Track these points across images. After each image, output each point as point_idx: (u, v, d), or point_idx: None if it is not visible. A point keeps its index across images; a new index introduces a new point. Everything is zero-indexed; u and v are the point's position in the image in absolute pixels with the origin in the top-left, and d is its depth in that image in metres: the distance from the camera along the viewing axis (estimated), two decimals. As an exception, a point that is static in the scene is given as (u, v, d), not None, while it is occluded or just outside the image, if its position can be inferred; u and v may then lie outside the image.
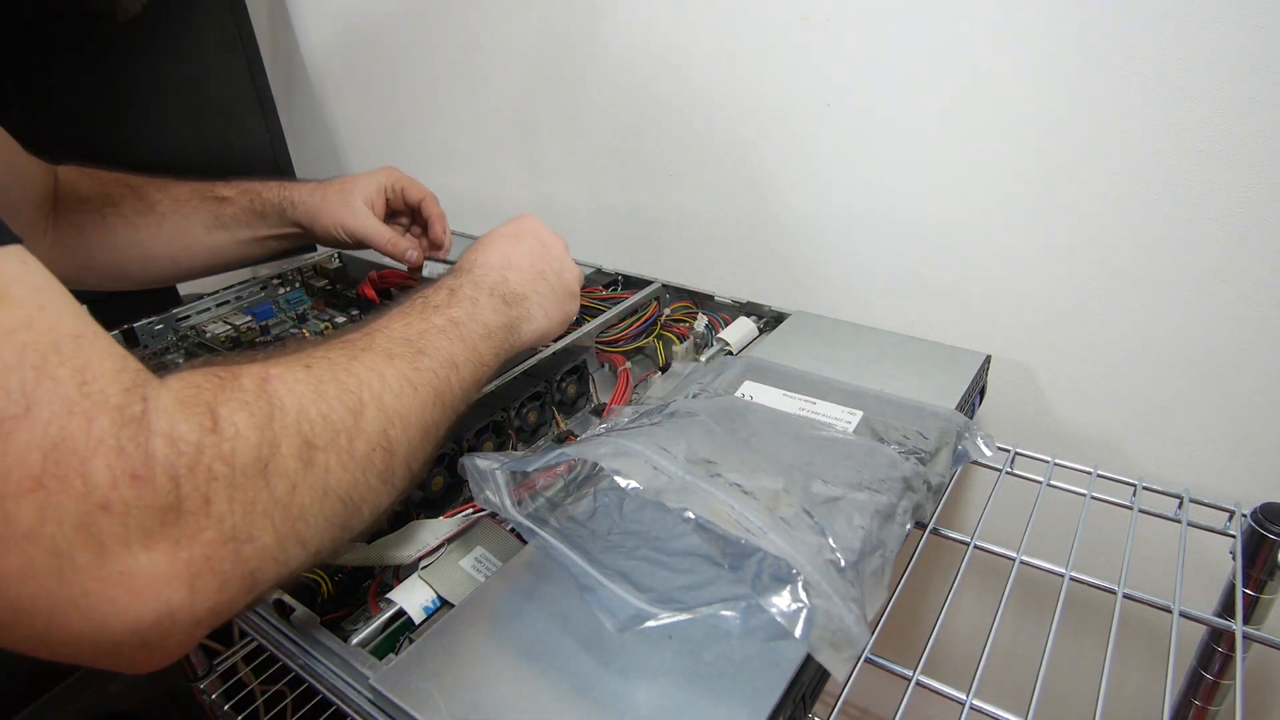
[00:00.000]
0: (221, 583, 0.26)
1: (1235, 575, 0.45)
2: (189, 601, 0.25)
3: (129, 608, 0.24)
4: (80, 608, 0.23)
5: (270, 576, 0.28)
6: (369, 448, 0.32)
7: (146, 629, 0.25)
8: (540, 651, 0.34)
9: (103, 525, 0.23)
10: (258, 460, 0.28)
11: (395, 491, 0.35)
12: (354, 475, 0.31)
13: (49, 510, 0.23)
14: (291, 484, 0.29)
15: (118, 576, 0.24)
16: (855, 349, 0.57)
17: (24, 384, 0.23)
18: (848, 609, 0.30)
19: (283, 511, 0.28)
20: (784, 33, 0.61)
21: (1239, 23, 0.44)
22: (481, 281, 0.44)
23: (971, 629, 0.74)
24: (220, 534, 0.26)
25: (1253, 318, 0.50)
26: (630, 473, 0.35)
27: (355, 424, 0.32)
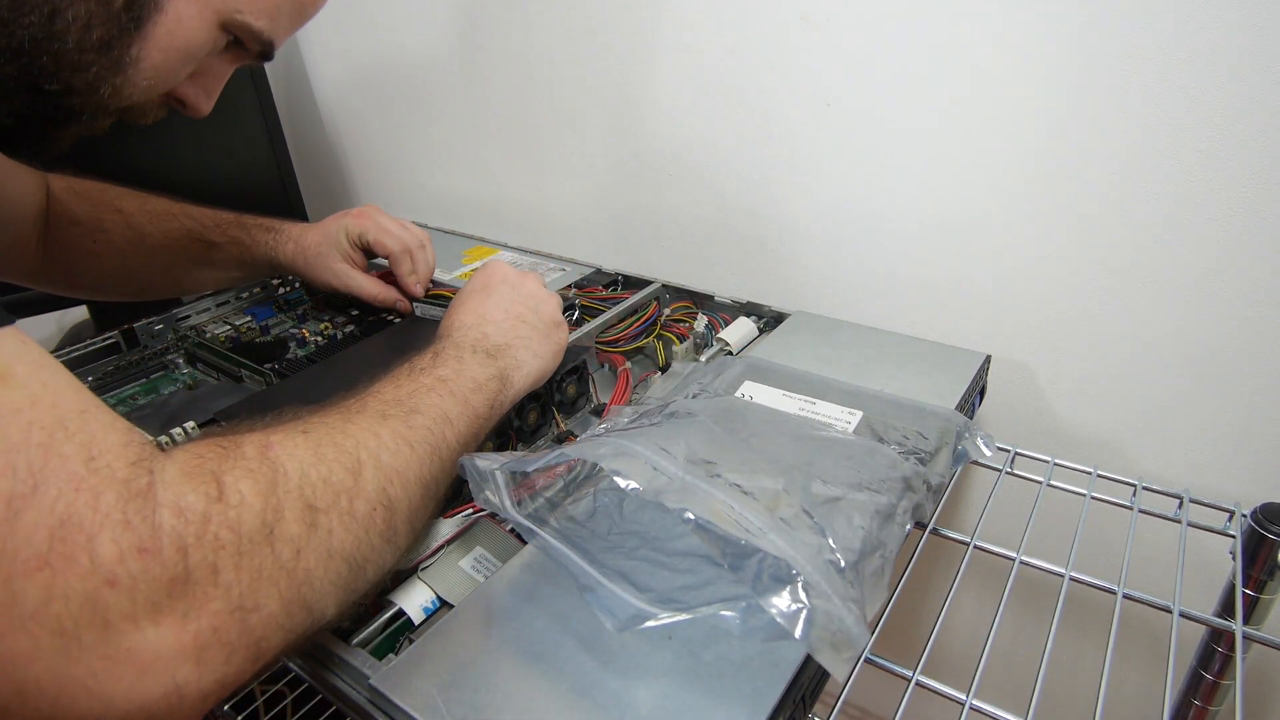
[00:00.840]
0: (229, 654, 0.26)
1: (1235, 575, 0.45)
2: (196, 676, 0.25)
3: (136, 685, 0.24)
4: (87, 688, 0.23)
5: (276, 645, 0.28)
6: (370, 507, 0.32)
7: (153, 706, 0.24)
8: (540, 651, 0.34)
9: (109, 602, 0.23)
10: (263, 526, 0.28)
11: (398, 550, 0.35)
12: (357, 536, 0.31)
13: (55, 589, 0.22)
14: (296, 549, 0.29)
15: (125, 654, 0.23)
16: (855, 349, 0.57)
17: (30, 463, 0.23)
18: (847, 609, 0.30)
19: (288, 577, 0.28)
20: (784, 33, 0.61)
21: (1239, 23, 0.44)
22: (461, 341, 0.44)
23: (971, 629, 0.74)
24: (227, 604, 0.26)
25: (1253, 318, 0.50)
26: (630, 473, 0.35)
27: (355, 484, 0.32)
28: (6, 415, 0.23)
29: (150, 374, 0.68)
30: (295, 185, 1.02)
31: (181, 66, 0.41)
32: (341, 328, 0.71)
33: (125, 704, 0.24)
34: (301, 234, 0.65)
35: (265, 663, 0.28)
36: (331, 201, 1.11)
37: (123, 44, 0.37)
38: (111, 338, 0.69)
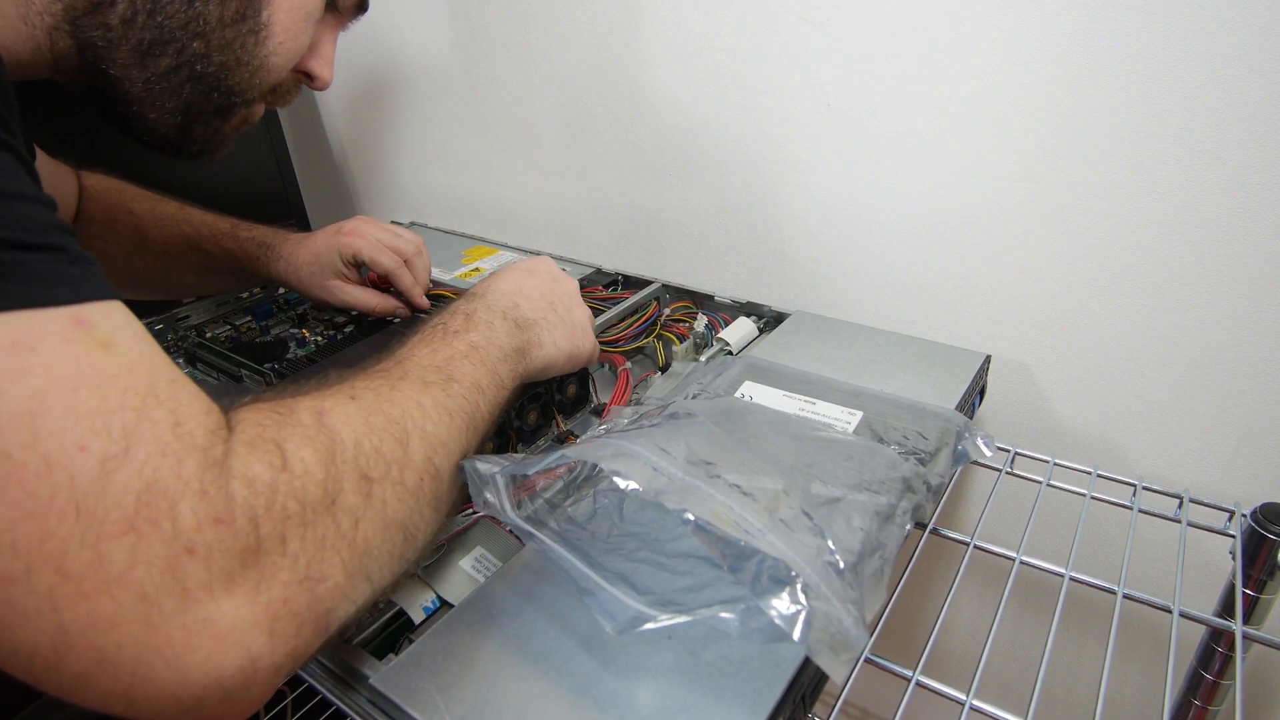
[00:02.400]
0: (299, 625, 0.26)
1: (1235, 575, 0.45)
2: (269, 648, 0.25)
3: (212, 657, 0.24)
4: (165, 657, 0.23)
5: (341, 616, 0.29)
6: (418, 477, 0.33)
7: (229, 679, 0.24)
8: (540, 652, 0.34)
9: (188, 570, 0.24)
10: (325, 496, 0.28)
11: (443, 519, 0.35)
12: (409, 505, 0.32)
13: (139, 554, 0.23)
14: (355, 519, 0.29)
15: (202, 624, 0.24)
16: (855, 349, 0.57)
17: (125, 425, 0.24)
18: (846, 611, 0.30)
19: (349, 547, 0.29)
20: (784, 33, 0.60)
21: (1239, 22, 0.44)
22: (495, 305, 0.45)
23: (971, 629, 0.74)
24: (295, 575, 0.26)
25: (1253, 318, 0.50)
26: (630, 474, 0.35)
27: (404, 455, 0.32)
28: (106, 379, 0.24)
29: (150, 374, 0.67)
30: (295, 185, 1.02)
31: (304, 26, 0.45)
32: (341, 328, 0.71)
33: (202, 676, 0.24)
34: (293, 251, 0.65)
35: (329, 636, 0.29)
36: (332, 201, 1.11)
37: (253, 10, 0.42)
38: (112, 338, 0.69)
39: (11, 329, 0.23)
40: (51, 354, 0.23)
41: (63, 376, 0.23)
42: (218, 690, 0.24)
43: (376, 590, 0.31)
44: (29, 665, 0.23)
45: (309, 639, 0.27)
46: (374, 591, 0.31)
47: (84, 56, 0.39)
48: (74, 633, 0.22)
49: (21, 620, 0.22)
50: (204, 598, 0.24)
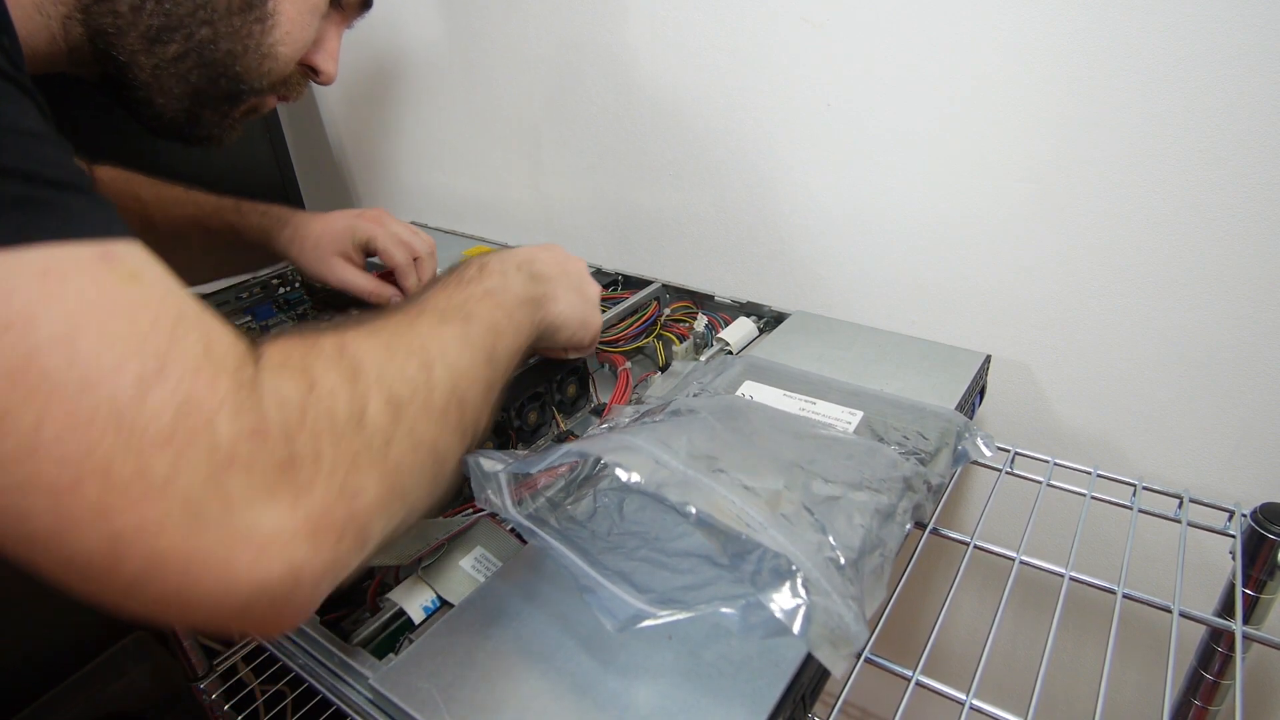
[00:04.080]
0: (338, 536, 0.27)
1: (1235, 575, 0.45)
2: (311, 556, 0.26)
3: (258, 563, 0.25)
4: (213, 562, 0.24)
5: (378, 532, 0.30)
6: (444, 402, 0.34)
7: (274, 586, 0.26)
8: (540, 651, 0.34)
9: (229, 480, 0.25)
10: (353, 415, 0.29)
11: (470, 446, 0.36)
12: (437, 428, 0.33)
13: (181, 464, 0.24)
14: (385, 438, 0.30)
15: (245, 531, 0.25)
16: (855, 349, 0.57)
17: (157, 348, 0.25)
18: (847, 606, 0.30)
19: (382, 464, 0.30)
20: (784, 33, 0.61)
21: (1239, 22, 0.44)
22: (507, 259, 0.46)
23: (971, 629, 0.74)
24: (332, 487, 0.27)
25: (1253, 318, 0.50)
26: (632, 466, 0.35)
27: (429, 380, 0.34)
28: (137, 307, 0.25)
29: (150, 374, 0.67)
30: (295, 185, 1.02)
31: (309, 19, 0.47)
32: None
33: (248, 582, 0.25)
34: (304, 222, 0.65)
35: (368, 554, 0.30)
36: (332, 202, 1.11)
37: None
38: (111, 338, 0.69)
39: (44, 260, 0.24)
40: (83, 284, 0.24)
41: (95, 304, 0.24)
42: (263, 596, 0.25)
43: (411, 511, 0.32)
44: (85, 573, 0.24)
45: (349, 551, 0.28)
46: (408, 512, 0.32)
47: (95, 44, 0.40)
48: (126, 538, 0.23)
49: (75, 528, 0.23)
50: (246, 507, 0.25)
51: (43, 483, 0.23)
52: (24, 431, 0.22)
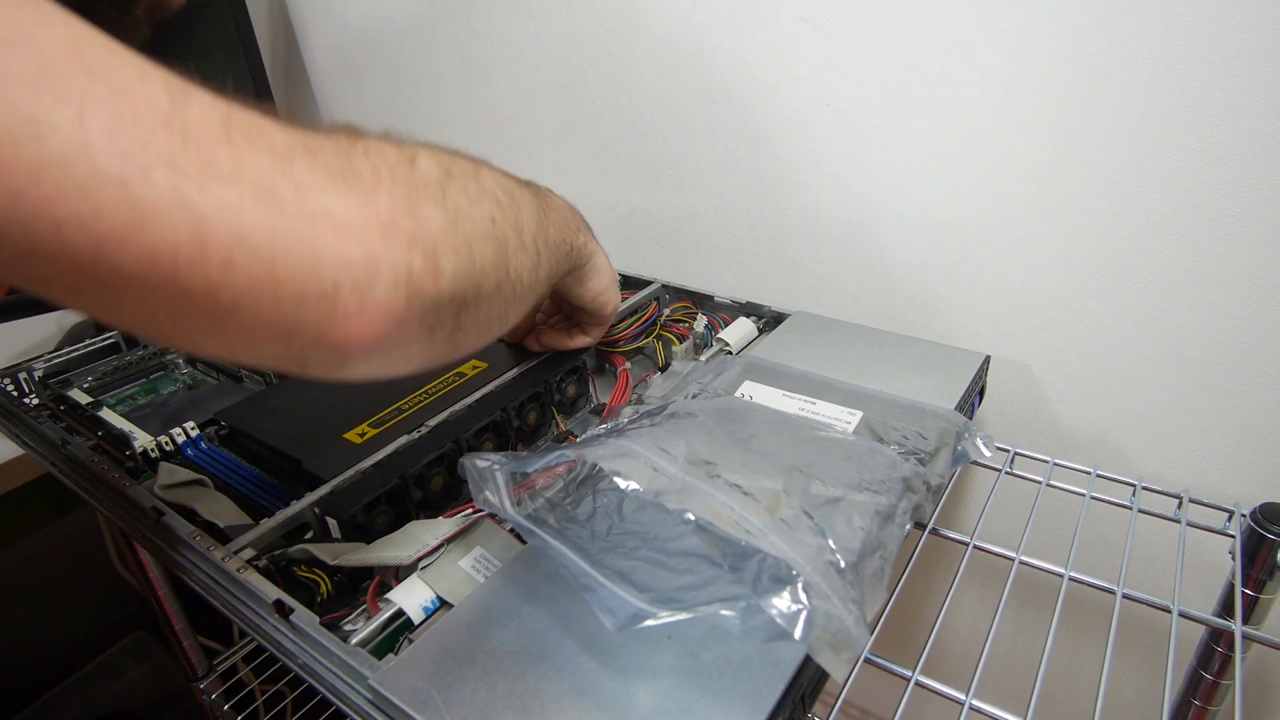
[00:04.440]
0: (409, 243, 0.28)
1: (1235, 575, 0.45)
2: (386, 252, 0.28)
3: (336, 242, 0.26)
4: (295, 239, 0.25)
5: (448, 266, 0.30)
6: (491, 191, 0.35)
7: (357, 269, 0.27)
8: (540, 651, 0.34)
9: (295, 171, 0.26)
10: (404, 158, 0.31)
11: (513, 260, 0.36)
12: (487, 205, 0.34)
13: (244, 155, 0.25)
14: (439, 184, 0.32)
15: (321, 212, 0.26)
16: (855, 349, 0.57)
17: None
18: (847, 610, 0.30)
19: (441, 202, 0.31)
20: (784, 33, 0.61)
21: (1239, 22, 0.44)
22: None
23: (971, 629, 0.74)
24: (395, 201, 0.29)
25: (1253, 318, 0.50)
26: (630, 474, 0.35)
27: (475, 170, 0.35)
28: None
29: (150, 374, 0.68)
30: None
31: None
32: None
33: (332, 258, 0.26)
34: None
35: (440, 288, 0.30)
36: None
37: None
38: (111, 338, 0.69)
39: None
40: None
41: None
42: (347, 278, 0.26)
43: (476, 267, 0.32)
44: (175, 260, 0.24)
45: (422, 269, 0.29)
46: (474, 266, 0.32)
47: None
48: (209, 218, 0.24)
49: (154, 215, 0.23)
50: (317, 192, 0.26)
51: (108, 175, 0.22)
52: (65, 129, 0.22)
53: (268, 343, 0.27)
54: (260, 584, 0.39)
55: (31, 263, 0.23)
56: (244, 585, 0.39)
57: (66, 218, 0.22)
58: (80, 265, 0.23)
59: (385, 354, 0.29)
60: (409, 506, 0.45)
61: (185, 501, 0.47)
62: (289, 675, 0.84)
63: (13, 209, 0.22)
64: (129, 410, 0.62)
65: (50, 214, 0.22)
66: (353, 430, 0.49)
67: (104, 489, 0.50)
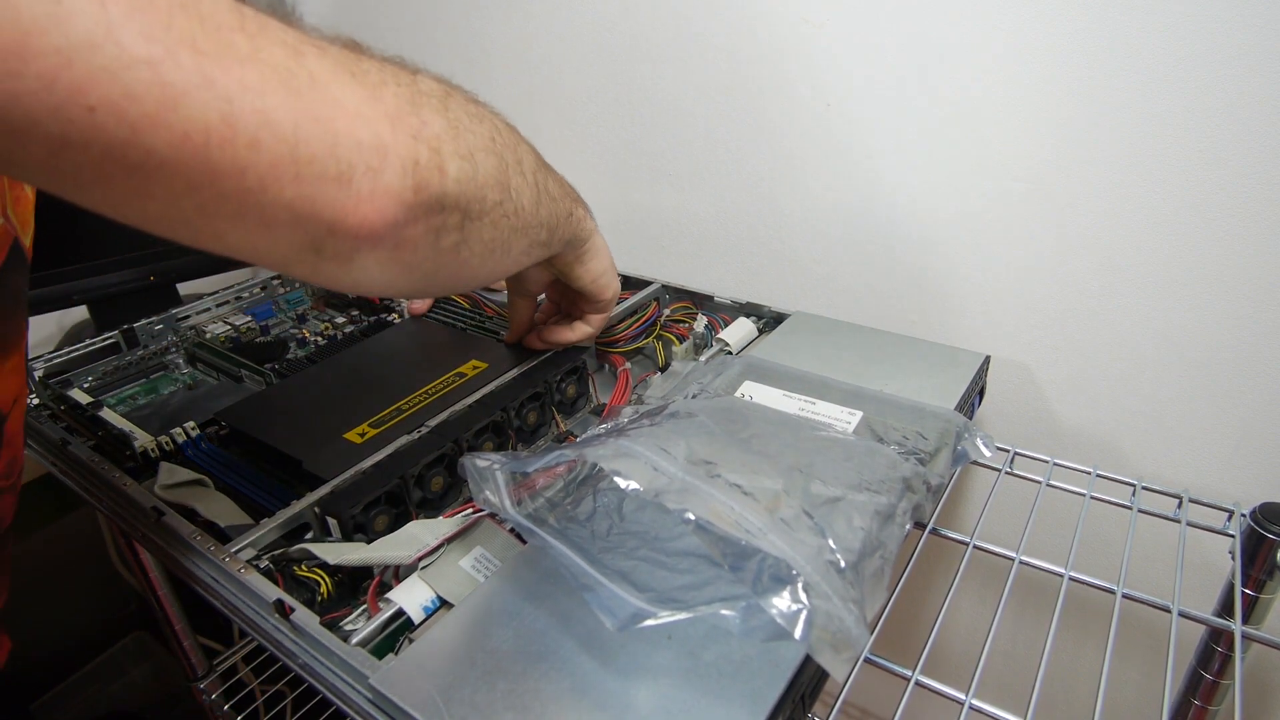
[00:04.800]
0: (414, 136, 0.30)
1: (1234, 575, 0.45)
2: (395, 141, 0.29)
3: (351, 127, 0.28)
4: (315, 120, 0.27)
5: (452, 167, 0.32)
6: (488, 119, 0.37)
7: (368, 151, 0.28)
8: (540, 651, 0.34)
9: (308, 61, 0.27)
10: (406, 71, 0.33)
11: (514, 183, 0.37)
12: (488, 127, 0.36)
13: (260, 41, 0.26)
14: (440, 98, 0.33)
15: (336, 99, 0.28)
16: (855, 349, 0.57)
17: None
18: (848, 610, 0.30)
19: (443, 112, 0.32)
20: (784, 33, 0.61)
21: (1239, 22, 0.44)
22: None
23: (971, 629, 0.74)
24: (399, 102, 0.30)
25: (1253, 318, 0.50)
26: (630, 474, 0.35)
27: (476, 101, 0.37)
28: None
29: (150, 374, 0.68)
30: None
31: None
32: (341, 328, 0.71)
33: (347, 141, 0.28)
34: None
35: (444, 186, 0.32)
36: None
37: None
38: (111, 338, 0.69)
39: None
40: None
41: None
42: (360, 161, 0.28)
43: (478, 175, 0.34)
44: (205, 144, 0.25)
45: (427, 163, 0.30)
46: (476, 173, 0.33)
47: None
48: (235, 99, 0.25)
49: (184, 95, 0.24)
50: (330, 82, 0.28)
51: (136, 56, 0.23)
52: (89, 10, 0.22)
53: (286, 228, 0.28)
54: (260, 584, 0.39)
55: (65, 152, 0.23)
56: (244, 585, 0.39)
57: (100, 101, 0.23)
58: (113, 151, 0.24)
59: (395, 248, 0.31)
60: (409, 506, 0.45)
61: (185, 501, 0.47)
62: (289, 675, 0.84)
63: (46, 95, 0.22)
64: (129, 410, 0.62)
65: (83, 99, 0.22)
66: (353, 430, 0.49)
67: (104, 489, 0.50)
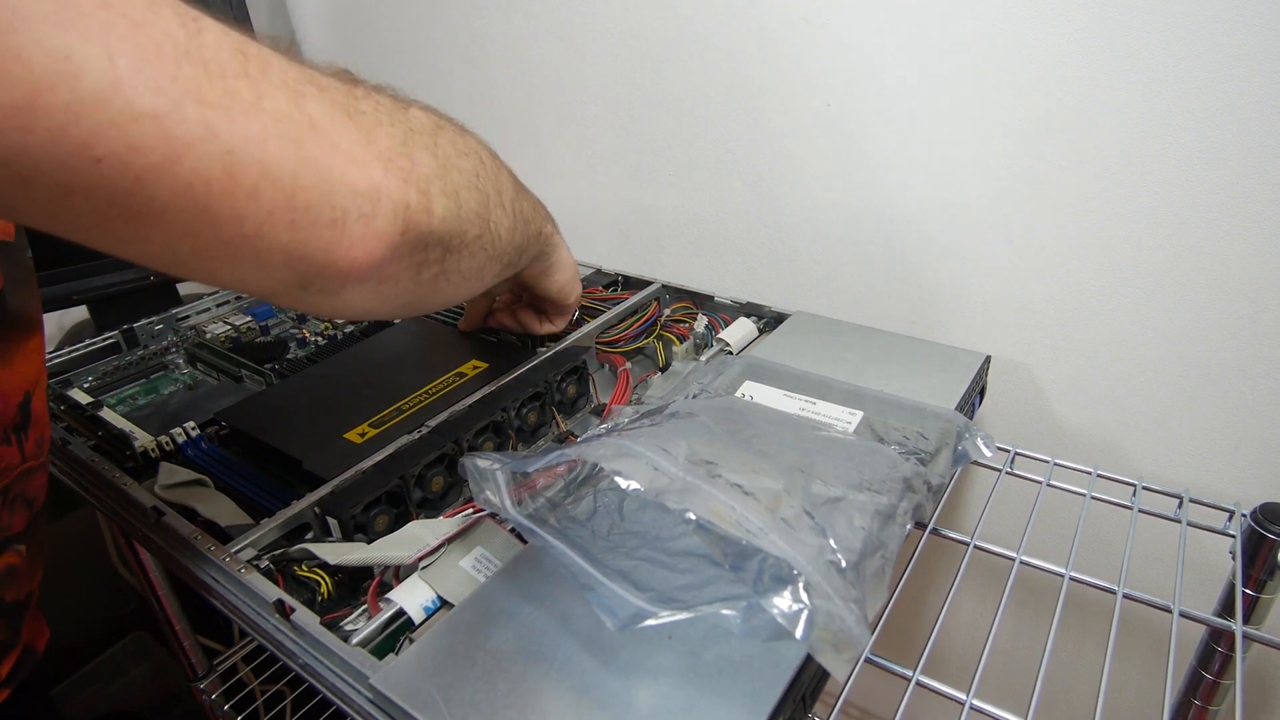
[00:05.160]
0: (405, 178, 0.31)
1: (1235, 575, 0.45)
2: (387, 183, 0.30)
3: (346, 172, 0.29)
4: (312, 167, 0.28)
5: (439, 207, 0.33)
6: (473, 150, 0.38)
7: (362, 197, 0.29)
8: (540, 651, 0.34)
9: (308, 106, 0.28)
10: (399, 106, 0.34)
11: (493, 216, 0.39)
12: (472, 161, 0.37)
13: (263, 88, 0.27)
14: (431, 134, 0.34)
15: (333, 146, 0.28)
16: (855, 349, 0.57)
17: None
18: (849, 610, 0.30)
19: (432, 149, 0.34)
20: (784, 33, 0.61)
21: (1239, 22, 0.44)
22: None
23: (971, 629, 0.74)
24: (392, 143, 0.31)
25: (1253, 318, 0.50)
26: (631, 473, 0.35)
27: (462, 131, 0.38)
28: None
29: (150, 374, 0.68)
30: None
31: None
32: (341, 328, 0.71)
33: (342, 187, 0.28)
34: None
35: (431, 225, 0.33)
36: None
37: None
38: (111, 338, 0.69)
39: None
40: None
41: None
42: (354, 208, 0.29)
43: (463, 212, 0.35)
44: (207, 194, 0.25)
45: (418, 204, 0.32)
46: (460, 210, 0.35)
47: None
48: (237, 151, 0.25)
49: (188, 148, 0.24)
50: (329, 128, 0.28)
51: (143, 110, 0.23)
52: (97, 66, 0.22)
53: (278, 269, 0.28)
54: (261, 584, 0.39)
55: (68, 200, 0.24)
56: (244, 585, 0.39)
57: (106, 154, 0.23)
58: (116, 200, 0.24)
59: (378, 283, 0.32)
60: (409, 506, 0.45)
61: (185, 501, 0.47)
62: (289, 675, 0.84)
63: (54, 148, 0.22)
64: (129, 410, 0.62)
65: (89, 152, 0.23)
66: (353, 430, 0.49)
67: (104, 489, 0.50)
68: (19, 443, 0.42)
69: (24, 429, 0.43)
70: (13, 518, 0.43)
